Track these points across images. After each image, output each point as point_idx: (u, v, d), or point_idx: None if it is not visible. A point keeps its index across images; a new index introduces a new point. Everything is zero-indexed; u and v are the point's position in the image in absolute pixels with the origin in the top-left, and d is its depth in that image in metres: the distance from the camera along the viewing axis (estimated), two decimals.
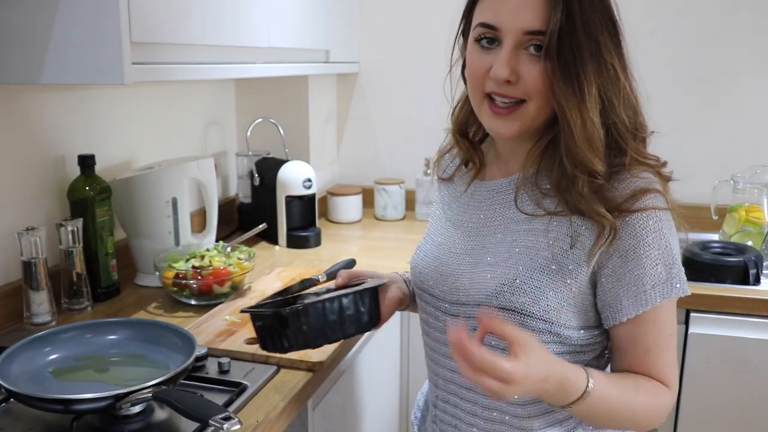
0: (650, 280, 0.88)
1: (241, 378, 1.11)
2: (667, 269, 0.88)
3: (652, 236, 0.87)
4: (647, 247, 0.87)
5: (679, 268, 0.90)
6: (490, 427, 0.97)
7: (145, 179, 1.57)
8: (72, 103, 1.52)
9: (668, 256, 0.89)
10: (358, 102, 2.46)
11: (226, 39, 1.44)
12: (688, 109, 2.19)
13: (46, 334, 1.08)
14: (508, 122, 0.90)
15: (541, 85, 0.87)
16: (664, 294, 0.89)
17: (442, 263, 1.00)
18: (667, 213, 0.90)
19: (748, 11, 2.09)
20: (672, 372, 0.92)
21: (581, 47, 0.84)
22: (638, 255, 0.87)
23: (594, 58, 0.85)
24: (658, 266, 0.88)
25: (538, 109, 0.89)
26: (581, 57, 0.84)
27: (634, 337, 0.91)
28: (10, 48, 1.14)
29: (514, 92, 0.88)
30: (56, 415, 0.98)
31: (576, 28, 0.84)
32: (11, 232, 1.35)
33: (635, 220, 0.87)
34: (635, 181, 0.89)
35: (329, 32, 2.05)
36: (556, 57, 0.84)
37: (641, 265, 0.88)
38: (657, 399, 0.91)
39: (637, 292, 0.88)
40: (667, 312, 0.91)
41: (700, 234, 2.16)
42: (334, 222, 2.30)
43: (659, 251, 0.88)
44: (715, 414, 1.71)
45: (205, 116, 2.06)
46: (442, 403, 1.03)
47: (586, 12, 0.84)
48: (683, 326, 1.70)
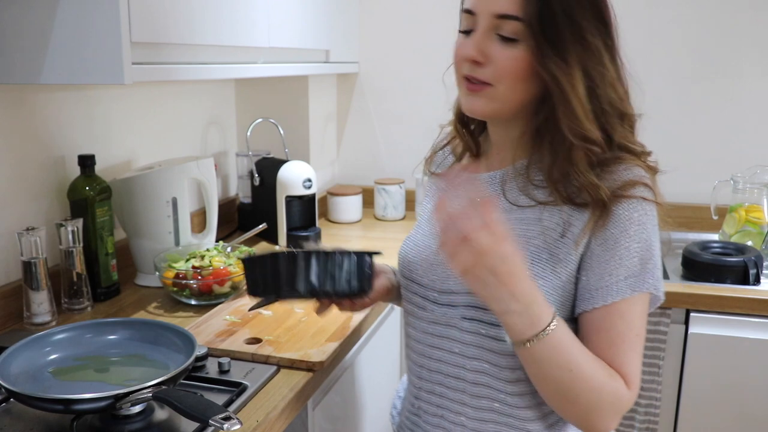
0: (624, 271, 0.88)
1: (241, 378, 1.11)
2: (642, 263, 0.89)
3: (634, 228, 0.88)
4: (628, 239, 0.88)
5: (655, 266, 0.90)
6: (478, 415, 0.97)
7: (145, 179, 1.57)
8: (72, 103, 1.52)
9: (646, 251, 0.89)
10: (358, 102, 2.46)
11: (227, 39, 1.44)
12: (689, 109, 2.19)
13: (46, 334, 1.08)
14: (478, 99, 0.93)
15: (511, 68, 0.89)
16: (635, 287, 0.88)
17: (433, 252, 1.01)
18: (653, 209, 0.91)
19: (749, 11, 2.09)
20: (635, 372, 0.90)
21: (563, 29, 0.86)
22: (618, 245, 0.88)
23: (577, 40, 0.87)
24: (634, 259, 0.88)
25: (508, 93, 0.91)
26: (563, 39, 0.86)
27: (601, 327, 0.90)
28: (10, 48, 1.14)
29: (482, 75, 0.91)
30: (56, 415, 0.98)
31: (555, 12, 0.86)
32: (11, 232, 1.35)
33: (621, 210, 0.88)
34: (627, 173, 0.90)
35: (329, 32, 2.05)
36: (541, 39, 0.86)
37: (619, 255, 0.88)
38: (614, 383, 0.88)
39: (609, 282, 0.89)
40: (638, 310, 0.90)
41: (700, 234, 2.16)
42: (334, 222, 2.30)
43: (638, 244, 0.89)
44: (715, 414, 1.71)
45: (205, 116, 2.06)
46: (426, 394, 1.03)
47: (566, 2, 0.86)
48: (683, 326, 1.70)
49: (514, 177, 0.97)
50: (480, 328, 0.93)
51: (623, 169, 0.90)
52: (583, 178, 0.89)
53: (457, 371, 0.97)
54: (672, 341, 1.71)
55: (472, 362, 0.95)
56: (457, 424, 0.99)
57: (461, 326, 0.95)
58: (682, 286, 1.73)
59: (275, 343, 1.24)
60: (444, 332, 0.97)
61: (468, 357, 0.96)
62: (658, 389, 1.73)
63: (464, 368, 0.96)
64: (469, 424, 0.98)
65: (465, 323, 0.95)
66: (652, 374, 1.72)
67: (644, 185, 0.90)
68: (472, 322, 0.94)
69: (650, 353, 1.71)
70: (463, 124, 1.06)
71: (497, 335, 0.91)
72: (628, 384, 0.89)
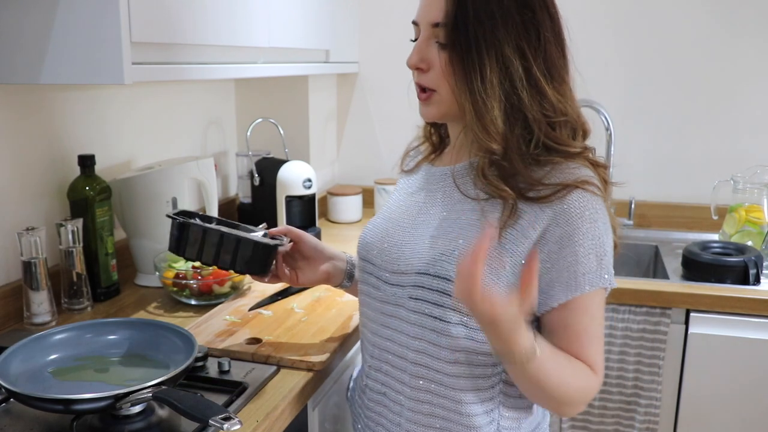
0: (582, 267, 0.92)
1: (241, 378, 1.11)
2: (598, 260, 0.92)
3: (587, 226, 0.91)
4: (582, 236, 0.91)
5: (609, 261, 0.94)
6: (415, 395, 1.00)
7: (145, 179, 1.57)
8: (72, 103, 1.52)
9: (600, 247, 0.92)
10: (358, 102, 2.46)
11: (226, 39, 1.44)
12: (689, 110, 2.19)
13: (46, 334, 1.08)
14: (426, 107, 1.00)
15: (445, 72, 0.94)
16: (593, 282, 0.92)
17: (389, 234, 1.06)
18: (602, 204, 0.94)
19: (749, 12, 2.09)
20: (600, 360, 0.96)
21: (474, 39, 0.90)
22: (573, 242, 0.91)
23: (491, 50, 0.90)
24: (590, 255, 0.92)
25: (449, 95, 0.96)
26: (474, 48, 0.90)
27: (566, 323, 0.94)
28: (10, 48, 1.14)
29: (425, 81, 0.98)
30: (56, 415, 0.98)
31: (468, 21, 0.90)
32: (11, 232, 1.35)
33: (572, 209, 0.91)
34: (575, 172, 0.93)
35: (329, 32, 2.05)
36: (450, 47, 0.92)
37: (575, 252, 0.91)
38: (587, 380, 0.95)
39: (569, 278, 0.92)
40: (597, 302, 0.94)
41: (700, 234, 2.17)
42: (334, 222, 2.30)
43: (592, 241, 0.92)
44: (715, 414, 1.71)
45: (205, 116, 2.06)
46: (374, 372, 1.07)
47: (478, 5, 0.90)
48: (683, 326, 1.70)
49: (468, 172, 1.01)
50: (424, 307, 0.96)
51: (573, 169, 0.94)
52: (490, 185, 0.94)
53: (402, 350, 1.01)
54: (672, 341, 1.71)
55: (415, 342, 0.99)
56: (396, 403, 1.03)
57: (408, 306, 0.99)
58: (682, 286, 1.73)
59: (275, 343, 1.24)
60: (393, 311, 1.01)
61: (411, 336, 0.99)
62: (658, 389, 1.73)
63: (408, 348, 1.00)
64: (407, 404, 1.01)
65: (411, 303, 0.98)
66: (652, 374, 1.72)
67: (594, 185, 0.93)
68: (418, 301, 0.97)
69: (650, 353, 1.72)
70: (431, 124, 1.12)
71: (441, 316, 0.95)
72: (596, 372, 0.95)
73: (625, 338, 1.73)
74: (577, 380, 0.94)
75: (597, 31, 2.17)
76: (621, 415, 1.78)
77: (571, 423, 1.82)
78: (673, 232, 2.21)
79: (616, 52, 2.19)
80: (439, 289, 0.95)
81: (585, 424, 1.82)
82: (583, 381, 0.94)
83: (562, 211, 0.91)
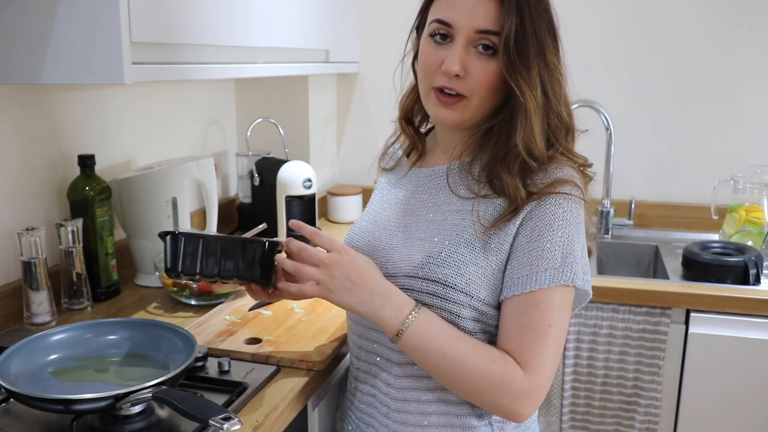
0: (545, 263, 0.92)
1: (241, 378, 1.11)
2: (563, 257, 0.92)
3: (558, 223, 0.93)
4: (552, 233, 0.93)
5: (575, 261, 0.93)
6: (402, 395, 1.02)
7: (145, 179, 1.57)
8: (72, 102, 1.52)
9: (567, 246, 0.93)
10: (358, 102, 2.46)
11: (226, 39, 1.44)
12: (689, 110, 2.19)
13: (46, 334, 1.07)
14: (451, 111, 0.98)
15: (486, 81, 0.94)
16: (554, 279, 0.92)
17: (375, 238, 1.06)
18: (579, 208, 0.95)
19: (749, 12, 2.09)
20: (539, 360, 0.92)
21: (530, 48, 0.92)
22: (542, 237, 0.93)
23: (540, 58, 0.93)
24: (556, 252, 0.92)
25: (479, 104, 0.97)
26: (530, 56, 0.92)
27: (514, 314, 0.93)
28: (10, 48, 1.14)
29: (460, 87, 0.95)
30: (56, 415, 0.98)
31: (527, 32, 0.92)
32: (11, 232, 1.35)
33: (548, 205, 0.93)
34: (558, 172, 0.95)
35: (329, 32, 2.05)
36: (513, 54, 0.92)
37: (542, 247, 0.92)
38: (498, 367, 0.91)
39: (530, 271, 0.92)
40: (556, 301, 0.93)
41: (700, 234, 2.17)
42: (334, 222, 2.30)
43: (561, 239, 0.93)
44: (715, 414, 1.71)
45: (205, 116, 2.06)
46: (362, 374, 1.09)
47: (535, 18, 0.92)
48: (683, 326, 1.70)
49: (458, 172, 1.02)
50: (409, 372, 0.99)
51: (554, 168, 0.95)
52: (510, 180, 0.95)
53: (388, 353, 1.03)
54: (672, 341, 1.71)
55: None
56: (384, 404, 1.04)
57: None
58: (682, 286, 1.73)
59: (275, 343, 1.24)
60: None
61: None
62: (658, 389, 1.73)
63: (393, 350, 1.02)
64: (393, 405, 1.03)
65: None
66: (652, 374, 1.72)
67: (573, 184, 0.94)
68: None
69: (650, 353, 1.72)
70: (408, 121, 1.12)
71: None
72: (527, 370, 0.91)
73: (625, 338, 1.73)
74: (488, 364, 0.91)
75: (597, 31, 2.17)
76: (621, 415, 1.78)
77: (572, 423, 1.82)
78: (673, 232, 2.21)
79: (617, 53, 2.19)
80: (427, 291, 0.96)
81: (585, 424, 1.82)
82: (498, 370, 0.91)
83: (539, 206, 0.93)
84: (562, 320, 0.94)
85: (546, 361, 0.92)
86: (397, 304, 0.94)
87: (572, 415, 1.82)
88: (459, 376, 0.93)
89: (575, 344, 1.76)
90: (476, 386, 0.93)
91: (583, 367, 1.78)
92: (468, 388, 0.94)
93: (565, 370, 1.78)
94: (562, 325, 0.94)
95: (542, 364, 0.92)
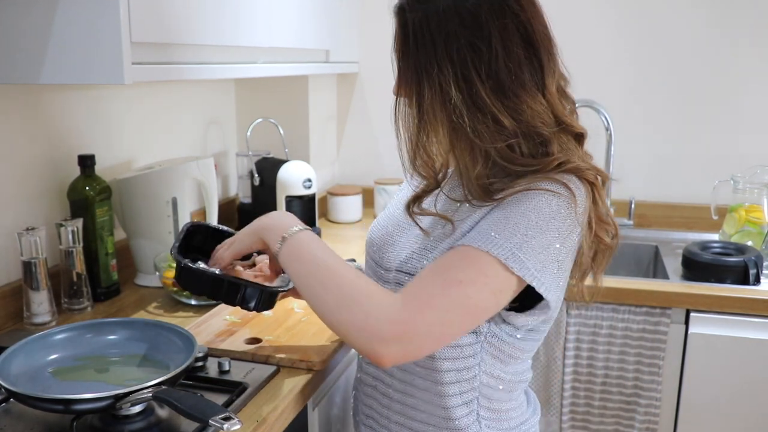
0: (495, 229, 0.87)
1: (241, 378, 1.11)
2: (512, 233, 0.86)
3: (527, 206, 0.88)
4: (517, 211, 0.88)
5: (532, 257, 0.86)
6: (402, 387, 1.04)
7: (145, 179, 1.57)
8: (72, 103, 1.52)
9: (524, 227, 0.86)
10: (358, 102, 2.46)
11: (227, 39, 1.44)
12: (689, 110, 2.19)
13: (46, 334, 1.08)
14: None
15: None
16: (495, 247, 0.85)
17: (387, 233, 1.08)
18: (557, 205, 0.88)
19: (749, 12, 2.09)
20: (417, 294, 0.86)
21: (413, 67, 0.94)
22: (506, 210, 0.89)
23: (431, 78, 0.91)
24: (508, 225, 0.87)
25: None
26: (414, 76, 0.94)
27: (438, 259, 0.90)
28: (10, 48, 1.14)
29: None
30: (56, 415, 0.98)
31: (408, 47, 0.95)
32: (11, 232, 1.35)
33: (524, 195, 0.89)
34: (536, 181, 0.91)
35: (329, 32, 2.05)
36: (398, 73, 0.97)
37: (503, 217, 0.88)
38: (370, 285, 0.89)
39: (478, 232, 0.89)
40: (486, 271, 0.85)
41: (700, 234, 2.17)
42: (334, 222, 2.30)
43: (521, 218, 0.87)
44: (715, 414, 1.71)
45: (205, 116, 2.06)
46: (365, 365, 1.12)
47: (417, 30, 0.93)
48: (683, 326, 1.70)
49: (454, 176, 1.03)
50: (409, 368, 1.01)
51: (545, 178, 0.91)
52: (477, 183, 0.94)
53: None
54: (672, 341, 1.71)
55: None
56: (385, 396, 1.07)
57: None
58: (682, 286, 1.73)
59: (275, 343, 1.24)
60: None
61: None
62: (658, 389, 1.73)
63: None
64: (395, 396, 1.05)
65: None
66: (652, 374, 1.72)
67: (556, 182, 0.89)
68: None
69: (650, 353, 1.72)
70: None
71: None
72: (405, 303, 0.85)
73: (625, 338, 1.73)
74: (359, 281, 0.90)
75: (597, 31, 2.17)
76: (621, 415, 1.78)
77: (572, 423, 1.82)
78: (673, 232, 2.21)
79: (617, 53, 2.19)
80: None
81: (585, 424, 1.82)
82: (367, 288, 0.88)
83: (512, 195, 0.90)
84: (479, 291, 0.85)
85: (431, 310, 0.84)
86: (285, 223, 1.00)
87: (572, 415, 1.82)
88: (326, 282, 0.91)
89: (575, 344, 1.76)
90: (340, 298, 0.88)
91: (583, 367, 1.78)
92: (331, 302, 0.89)
93: (565, 370, 1.78)
94: (477, 296, 0.85)
95: (427, 309, 0.84)
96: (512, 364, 1.01)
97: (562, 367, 1.78)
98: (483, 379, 0.99)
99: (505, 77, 0.89)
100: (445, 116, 0.91)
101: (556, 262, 0.89)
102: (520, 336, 0.99)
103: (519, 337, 0.99)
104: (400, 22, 0.96)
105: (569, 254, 0.91)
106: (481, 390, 1.00)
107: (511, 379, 1.02)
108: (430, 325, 0.85)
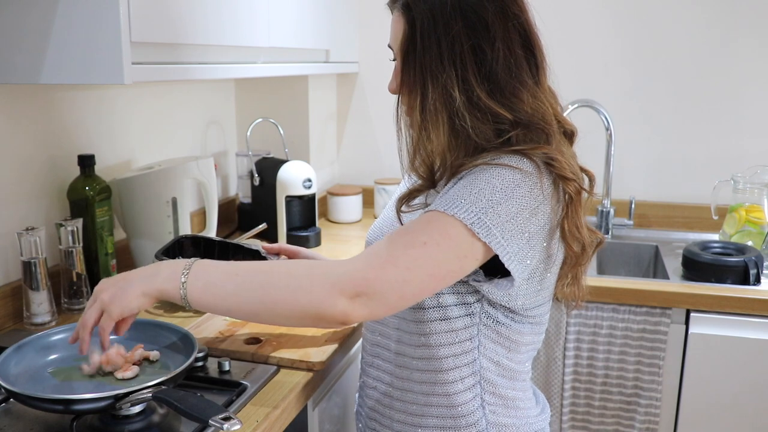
0: (458, 194, 0.88)
1: (241, 378, 1.11)
2: (475, 198, 0.87)
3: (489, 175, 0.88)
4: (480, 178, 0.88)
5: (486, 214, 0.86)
6: (401, 384, 1.06)
7: (145, 179, 1.57)
8: (72, 103, 1.52)
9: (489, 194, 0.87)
10: (358, 102, 2.46)
11: (226, 39, 1.44)
12: (689, 110, 2.19)
13: (46, 334, 1.08)
14: None
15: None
16: (452, 207, 0.87)
17: (383, 232, 1.09)
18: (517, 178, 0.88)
19: (749, 12, 2.09)
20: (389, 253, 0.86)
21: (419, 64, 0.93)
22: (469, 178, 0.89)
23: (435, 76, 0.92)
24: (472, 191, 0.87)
25: None
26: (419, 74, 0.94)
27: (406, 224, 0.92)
28: (10, 48, 1.14)
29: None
30: (56, 415, 0.98)
31: (416, 45, 0.94)
32: (11, 232, 1.35)
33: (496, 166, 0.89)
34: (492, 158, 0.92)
35: (329, 32, 2.05)
36: (401, 70, 0.97)
37: (466, 184, 0.89)
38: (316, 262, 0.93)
39: (441, 197, 0.90)
40: (451, 234, 0.86)
41: (700, 234, 2.17)
42: (334, 222, 2.30)
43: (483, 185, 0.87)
44: (715, 413, 1.71)
45: (205, 116, 2.06)
46: (367, 367, 1.13)
47: (425, 29, 0.93)
48: (683, 326, 1.70)
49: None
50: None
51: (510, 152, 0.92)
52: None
53: (387, 342, 1.07)
54: (672, 341, 1.71)
55: (395, 332, 1.05)
56: (386, 395, 1.08)
57: None
58: (682, 286, 1.73)
59: (275, 343, 1.24)
60: None
61: (392, 328, 1.06)
62: (658, 389, 1.73)
63: (390, 339, 1.06)
64: (396, 394, 1.07)
65: None
66: (652, 374, 1.72)
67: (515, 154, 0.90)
68: None
69: (650, 353, 1.72)
70: None
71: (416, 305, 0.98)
72: (362, 257, 0.88)
73: (625, 338, 1.73)
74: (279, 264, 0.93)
75: (597, 31, 2.17)
76: (621, 415, 1.78)
77: (572, 423, 1.82)
78: (673, 232, 2.21)
79: (617, 53, 2.19)
80: None
81: (585, 424, 1.82)
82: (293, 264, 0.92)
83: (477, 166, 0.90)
84: (443, 253, 0.86)
85: (393, 267, 0.85)
86: (170, 267, 0.95)
87: (572, 415, 1.82)
88: (265, 285, 0.89)
89: (575, 344, 1.76)
90: (290, 282, 0.88)
91: (583, 367, 1.78)
92: (282, 294, 0.88)
93: (565, 370, 1.78)
94: (440, 258, 0.86)
95: (389, 266, 0.85)
96: (513, 350, 1.01)
97: (562, 367, 1.78)
98: (483, 363, 0.99)
99: (506, 77, 0.91)
100: (446, 117, 0.92)
101: (526, 233, 0.88)
102: (517, 320, 0.99)
103: (516, 321, 0.99)
104: (408, 21, 0.95)
105: (541, 230, 0.90)
106: (483, 374, 1.00)
107: (513, 367, 1.02)
108: (392, 282, 0.85)
